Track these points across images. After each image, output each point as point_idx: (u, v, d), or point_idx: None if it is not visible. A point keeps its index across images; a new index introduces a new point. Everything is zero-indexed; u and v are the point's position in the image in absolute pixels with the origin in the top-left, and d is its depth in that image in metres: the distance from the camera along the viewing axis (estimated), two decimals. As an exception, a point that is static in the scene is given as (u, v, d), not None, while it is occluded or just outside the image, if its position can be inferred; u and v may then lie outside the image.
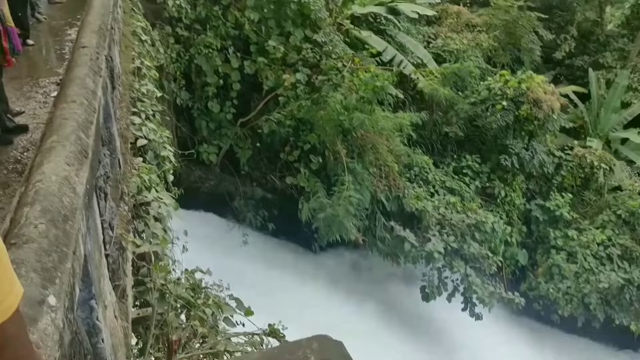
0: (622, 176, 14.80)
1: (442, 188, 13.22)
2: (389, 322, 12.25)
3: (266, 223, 12.24)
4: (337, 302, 11.46)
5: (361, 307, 12.08)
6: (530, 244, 14.41)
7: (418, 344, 12.20)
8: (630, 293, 13.34)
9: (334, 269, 12.77)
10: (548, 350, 14.33)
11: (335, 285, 12.09)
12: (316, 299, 10.44)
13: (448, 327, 13.05)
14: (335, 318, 9.90)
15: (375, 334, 11.41)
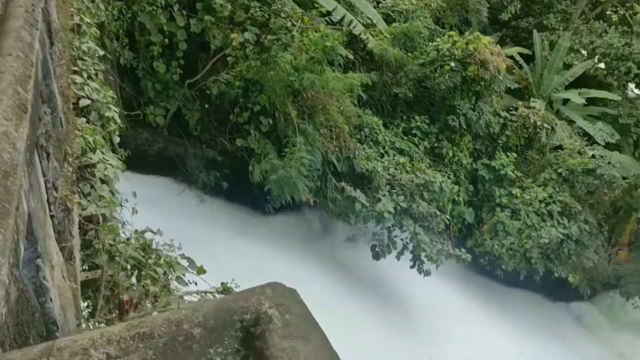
0: (563, 136, 15.38)
1: (392, 149, 13.39)
2: (341, 280, 12.51)
3: (220, 182, 12.11)
4: (290, 262, 11.57)
5: (314, 266, 12.25)
6: (476, 202, 14.88)
7: (368, 300, 12.53)
8: (568, 247, 14.04)
9: (286, 230, 12.86)
10: (493, 302, 15.04)
11: (288, 246, 12.19)
12: (269, 260, 10.49)
13: (398, 284, 13.45)
14: (288, 278, 10.01)
15: (327, 293, 11.64)
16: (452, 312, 13.68)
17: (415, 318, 13.14)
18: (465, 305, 14.15)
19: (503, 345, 13.67)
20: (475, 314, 14.01)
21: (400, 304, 13.30)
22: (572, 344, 15.71)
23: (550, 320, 16.24)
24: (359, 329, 11.51)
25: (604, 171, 14.14)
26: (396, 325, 12.38)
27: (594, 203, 14.73)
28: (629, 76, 16.79)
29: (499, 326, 14.19)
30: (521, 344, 13.98)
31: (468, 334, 13.20)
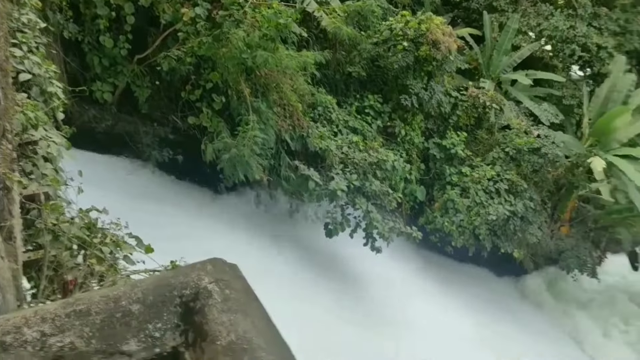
0: (510, 116, 15.82)
1: (345, 127, 13.45)
2: (294, 258, 12.60)
3: (173, 161, 11.90)
4: (243, 240, 11.56)
5: (267, 245, 12.28)
6: (428, 180, 15.19)
7: (322, 277, 12.69)
8: (514, 224, 14.54)
9: (239, 209, 12.81)
10: (442, 278, 15.49)
11: (240, 225, 12.16)
12: (220, 239, 10.44)
13: (350, 261, 13.66)
14: (241, 256, 10.02)
15: (280, 271, 11.72)
16: (404, 288, 14.02)
17: (367, 294, 13.40)
18: (416, 280, 14.53)
19: (452, 318, 14.15)
20: (425, 289, 14.43)
21: (353, 281, 13.53)
22: (517, 316, 16.42)
23: (497, 293, 16.90)
24: (311, 305, 11.66)
25: (548, 150, 14.66)
26: (348, 302, 12.61)
27: (539, 181, 15.28)
28: (573, 58, 17.37)
29: (449, 300, 14.67)
30: (469, 317, 14.51)
31: (418, 309, 13.58)
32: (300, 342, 8.29)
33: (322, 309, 11.84)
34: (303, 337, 10.35)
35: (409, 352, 11.87)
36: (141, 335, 1.55)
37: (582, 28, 17.11)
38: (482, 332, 14.32)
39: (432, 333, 12.84)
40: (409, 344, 12.13)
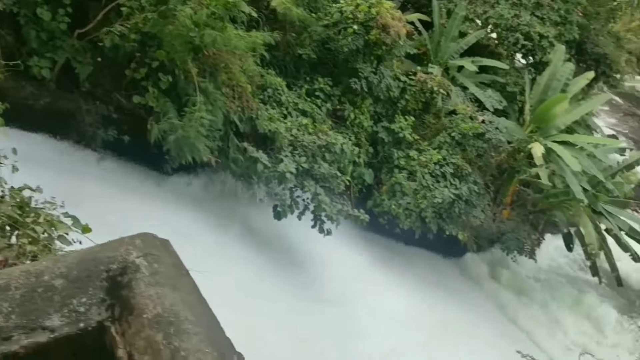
0: (457, 101, 16.16)
1: (295, 110, 13.42)
2: (242, 241, 12.55)
3: (116, 141, 11.54)
4: (189, 222, 11.42)
5: (214, 226, 12.17)
6: (376, 163, 15.38)
7: (269, 260, 12.71)
8: (459, 207, 14.94)
9: (186, 191, 12.61)
10: (389, 259, 15.79)
11: (187, 207, 11.99)
12: (167, 221, 10.26)
13: (298, 243, 13.71)
14: (186, 238, 9.89)
15: (227, 254, 11.67)
16: (351, 270, 14.23)
17: (315, 275, 13.52)
18: (363, 262, 14.77)
19: (397, 298, 14.48)
20: (372, 271, 14.68)
21: (301, 263, 13.61)
22: (461, 296, 16.97)
23: (442, 274, 17.40)
24: (259, 288, 11.68)
25: (492, 135, 15.10)
26: (296, 284, 12.69)
27: (483, 165, 15.75)
28: (517, 47, 17.88)
29: (395, 281, 14.98)
30: (414, 297, 14.87)
31: (365, 290, 13.83)
32: (247, 322, 8.34)
33: (270, 291, 11.88)
34: (248, 318, 10.39)
35: (355, 332, 12.10)
36: (65, 310, 1.52)
37: (526, 17, 17.61)
38: (425, 312, 14.72)
39: (377, 314, 13.12)
40: (354, 324, 12.36)
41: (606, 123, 28.48)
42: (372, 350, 12.08)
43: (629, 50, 23.24)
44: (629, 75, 24.74)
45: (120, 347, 1.47)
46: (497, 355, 14.06)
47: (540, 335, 16.82)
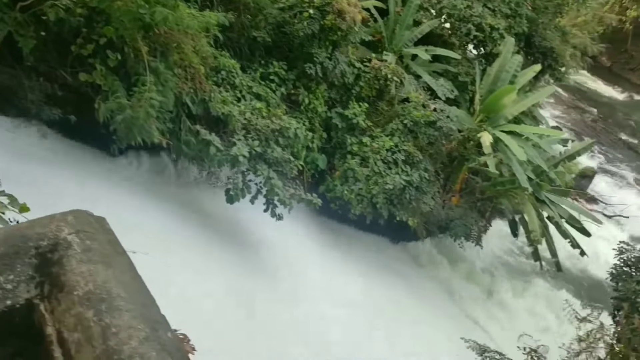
0: (410, 89, 16.38)
1: (249, 93, 13.29)
2: (193, 224, 12.42)
3: (66, 116, 11.14)
4: (137, 205, 11.20)
5: (164, 209, 11.99)
6: (329, 149, 15.46)
7: (221, 244, 12.64)
8: (409, 193, 15.19)
9: (135, 173, 12.34)
10: (341, 244, 15.98)
11: (136, 189, 11.75)
12: (113, 203, 10.03)
13: (251, 227, 13.69)
14: (133, 219, 9.71)
15: (178, 236, 11.52)
16: (303, 255, 14.32)
17: (267, 259, 13.54)
18: (315, 247, 14.88)
19: (348, 282, 14.70)
20: (323, 255, 14.82)
21: (253, 247, 13.59)
22: (410, 280, 17.37)
23: (393, 259, 17.74)
24: (210, 270, 11.61)
25: (443, 124, 15.39)
26: (248, 268, 12.68)
27: (433, 153, 16.06)
28: (469, 37, 18.24)
29: (346, 266, 15.19)
30: (365, 281, 15.14)
31: (317, 275, 13.96)
32: (197, 304, 8.28)
33: (220, 274, 11.83)
34: (199, 302, 10.33)
35: (304, 315, 12.22)
36: (-9, 288, 1.48)
37: (478, 8, 17.95)
38: (376, 296, 15.01)
39: (328, 298, 13.28)
40: (303, 308, 12.48)
41: (551, 115, 29.52)
42: (321, 333, 12.23)
43: (573, 45, 24.09)
44: (573, 69, 25.65)
45: (49, 325, 1.44)
46: (444, 340, 14.50)
47: (485, 319, 17.44)
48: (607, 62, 41.02)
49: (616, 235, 21.87)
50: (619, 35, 38.99)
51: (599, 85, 38.23)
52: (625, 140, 31.94)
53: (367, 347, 12.64)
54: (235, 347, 9.97)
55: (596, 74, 38.38)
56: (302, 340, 11.64)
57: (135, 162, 12.61)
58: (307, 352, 11.38)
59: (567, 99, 34.18)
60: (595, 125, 32.40)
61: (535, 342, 10.18)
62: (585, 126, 31.59)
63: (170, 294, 8.50)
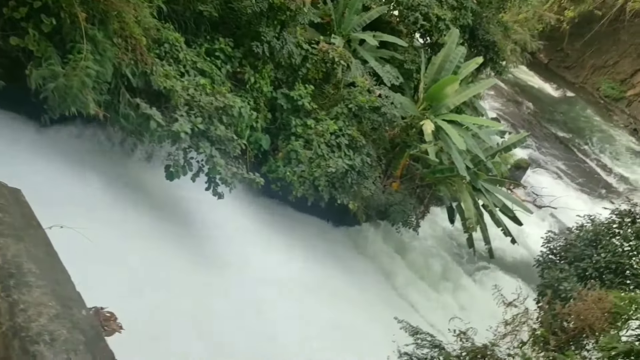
0: (356, 74, 16.47)
1: (193, 69, 12.96)
2: (130, 199, 12.07)
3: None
4: (69, 179, 10.76)
5: (100, 184, 11.58)
6: (273, 130, 15.37)
7: (160, 221, 12.36)
8: (351, 177, 15.36)
9: (69, 145, 11.80)
10: (281, 225, 15.98)
11: (67, 160, 11.25)
12: (43, 177, 9.59)
13: (191, 205, 13.46)
14: (63, 192, 9.34)
15: (112, 212, 11.18)
16: (243, 234, 14.25)
17: (206, 238, 13.38)
18: (255, 227, 14.84)
19: (287, 264, 14.75)
20: (263, 236, 14.81)
21: (192, 225, 13.39)
22: (348, 263, 17.62)
23: (332, 242, 17.93)
24: (148, 248, 11.36)
25: (387, 110, 15.59)
26: (185, 245, 12.48)
27: (377, 138, 16.27)
28: (416, 26, 18.48)
29: (285, 247, 15.23)
30: (302, 264, 15.24)
31: (255, 254, 13.93)
32: (133, 280, 8.07)
33: (158, 252, 11.59)
34: (135, 278, 10.10)
35: (241, 294, 12.18)
36: None
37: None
38: (314, 278, 15.15)
39: (267, 279, 13.29)
40: (242, 286, 12.43)
41: (490, 107, 30.49)
42: (258, 312, 12.24)
43: (514, 41, 24.92)
44: (513, 64, 26.54)
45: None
46: (379, 321, 14.83)
47: (420, 302, 17.96)
48: (544, 59, 42.68)
49: (545, 225, 23.01)
50: (557, 34, 40.63)
51: (536, 81, 39.77)
52: (557, 135, 33.45)
53: (301, 328, 12.77)
54: (165, 326, 9.84)
55: (534, 70, 39.90)
56: (237, 319, 11.61)
57: (69, 134, 12.07)
58: (241, 330, 11.38)
59: (506, 92, 35.38)
60: (531, 119, 33.74)
61: (465, 324, 10.58)
62: (521, 119, 32.83)
63: (100, 271, 8.25)
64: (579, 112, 36.80)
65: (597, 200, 27.53)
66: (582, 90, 40.38)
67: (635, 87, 38.67)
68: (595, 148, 33.28)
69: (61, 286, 1.45)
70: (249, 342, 11.20)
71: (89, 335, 1.35)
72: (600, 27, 39.97)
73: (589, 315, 9.76)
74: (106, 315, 4.33)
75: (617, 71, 39.66)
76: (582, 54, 41.36)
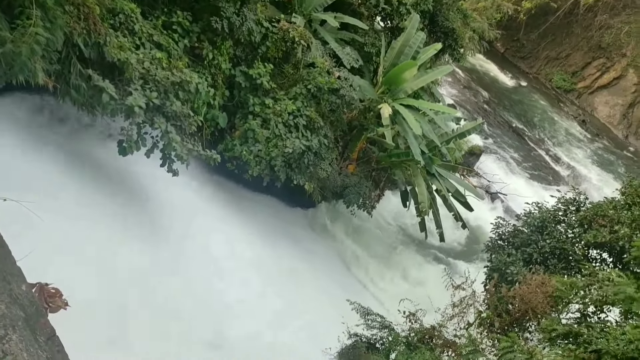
0: (316, 54, 16.36)
1: (149, 41, 12.59)
2: (79, 174, 11.73)
3: None
4: (17, 150, 10.36)
5: (49, 158, 11.20)
6: (231, 107, 15.17)
7: (111, 197, 12.08)
8: (308, 158, 15.36)
9: (15, 116, 11.35)
10: (236, 204, 15.90)
11: (16, 134, 10.83)
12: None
13: (145, 181, 13.21)
14: (11, 167, 8.99)
15: (63, 187, 10.85)
16: (196, 213, 14.10)
17: (159, 217, 13.17)
18: (210, 206, 14.69)
19: (242, 243, 14.71)
20: (217, 214, 14.69)
21: (146, 202, 13.16)
22: (303, 244, 17.73)
23: (288, 223, 17.97)
24: (97, 227, 11.09)
25: (346, 92, 15.61)
26: (137, 222, 12.26)
27: (334, 120, 16.29)
28: (377, 9, 18.47)
29: (239, 227, 15.17)
30: (257, 244, 15.23)
31: (210, 234, 13.82)
32: (83, 259, 7.87)
33: (108, 229, 11.35)
34: (84, 256, 9.86)
35: (193, 271, 12.10)
36: None
37: (386, -20, 18.19)
38: (270, 258, 15.18)
39: (219, 254, 13.23)
40: (194, 263, 12.35)
41: (448, 93, 31.00)
42: (210, 290, 12.20)
43: (473, 29, 25.28)
44: (471, 51, 26.94)
45: None
46: (332, 301, 15.02)
47: (373, 283, 18.29)
48: (501, 49, 43.57)
49: (494, 211, 23.71)
50: (514, 24, 41.51)
51: (492, 69, 40.59)
52: (510, 124, 34.35)
53: (252, 307, 12.83)
54: (111, 304, 9.69)
55: (490, 59, 40.69)
56: (186, 296, 11.55)
57: (17, 104, 11.60)
58: (193, 303, 11.34)
59: (463, 80, 35.99)
60: (486, 107, 34.49)
61: (414, 306, 10.86)
62: (477, 107, 33.52)
63: (46, 246, 8.00)
64: (531, 101, 37.86)
65: (546, 188, 28.51)
66: (536, 81, 41.51)
67: (585, 79, 40.03)
68: (545, 137, 34.39)
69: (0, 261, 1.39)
70: (197, 320, 11.18)
71: (29, 311, 1.29)
72: (556, 19, 41.06)
73: (533, 298, 10.19)
74: (51, 291, 4.20)
75: (569, 63, 40.92)
76: (537, 45, 42.43)
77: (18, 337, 2.93)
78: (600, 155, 34.47)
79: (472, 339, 9.79)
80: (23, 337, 2.98)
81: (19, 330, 2.15)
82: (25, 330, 2.20)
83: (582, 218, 12.72)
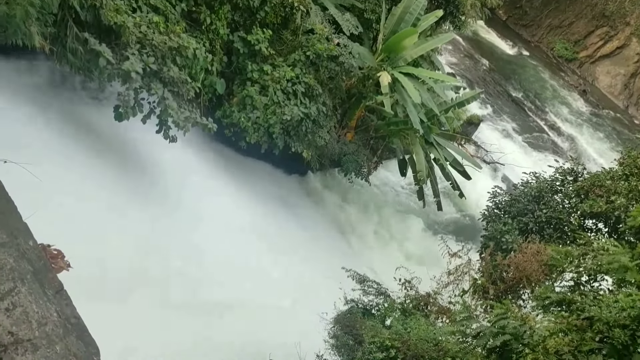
0: (315, 20, 16.10)
1: (146, 5, 12.38)
2: (75, 136, 11.69)
3: None
4: (15, 114, 10.30)
5: (43, 119, 11.14)
6: (229, 74, 15.01)
7: (108, 162, 12.08)
8: (306, 125, 15.30)
9: (12, 78, 11.24)
10: (234, 172, 15.92)
11: (13, 97, 10.74)
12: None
13: (142, 147, 13.18)
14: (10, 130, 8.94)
15: (60, 152, 10.83)
16: (194, 179, 14.13)
17: (156, 183, 13.21)
18: (208, 171, 14.71)
19: (240, 209, 14.80)
20: (215, 181, 14.72)
21: (142, 168, 13.17)
22: (299, 211, 17.82)
23: (285, 190, 18.03)
24: (94, 188, 11.12)
25: (345, 59, 15.44)
26: (136, 188, 12.29)
27: (333, 88, 16.16)
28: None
29: (236, 193, 15.22)
30: (254, 210, 15.30)
31: (207, 199, 13.87)
32: (77, 220, 7.92)
33: (105, 191, 11.38)
34: (83, 220, 9.92)
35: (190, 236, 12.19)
36: None
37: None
38: (264, 223, 15.27)
39: (217, 220, 13.30)
40: (191, 229, 12.43)
41: (447, 62, 30.65)
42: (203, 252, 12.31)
43: (475, -5, 24.79)
44: (473, 19, 26.52)
45: None
46: (328, 268, 15.19)
47: (369, 251, 18.44)
48: (503, 16, 42.92)
49: (492, 180, 23.77)
50: (517, -9, 40.85)
51: (493, 38, 40.07)
52: (509, 93, 34.12)
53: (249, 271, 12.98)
54: (112, 264, 9.80)
55: (492, 26, 40.11)
56: (180, 259, 11.67)
57: (14, 66, 11.47)
58: (187, 266, 11.47)
59: (463, 48, 35.56)
60: (486, 76, 34.19)
61: (410, 273, 11.00)
62: (477, 76, 33.21)
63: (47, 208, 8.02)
64: (532, 71, 37.49)
65: (544, 158, 28.51)
66: (537, 49, 41.03)
67: (587, 48, 39.57)
68: (545, 107, 34.21)
69: (6, 216, 1.41)
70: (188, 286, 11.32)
71: (37, 265, 1.32)
72: (560, -15, 40.40)
73: (527, 266, 10.33)
74: (53, 252, 4.25)
75: (572, 32, 40.38)
76: (540, 12, 41.75)
77: (27, 289, 3.03)
78: (600, 125, 34.39)
79: (467, 306, 9.95)
80: (32, 290, 3.07)
81: (27, 283, 2.19)
82: (34, 284, 2.25)
83: (579, 188, 12.78)
